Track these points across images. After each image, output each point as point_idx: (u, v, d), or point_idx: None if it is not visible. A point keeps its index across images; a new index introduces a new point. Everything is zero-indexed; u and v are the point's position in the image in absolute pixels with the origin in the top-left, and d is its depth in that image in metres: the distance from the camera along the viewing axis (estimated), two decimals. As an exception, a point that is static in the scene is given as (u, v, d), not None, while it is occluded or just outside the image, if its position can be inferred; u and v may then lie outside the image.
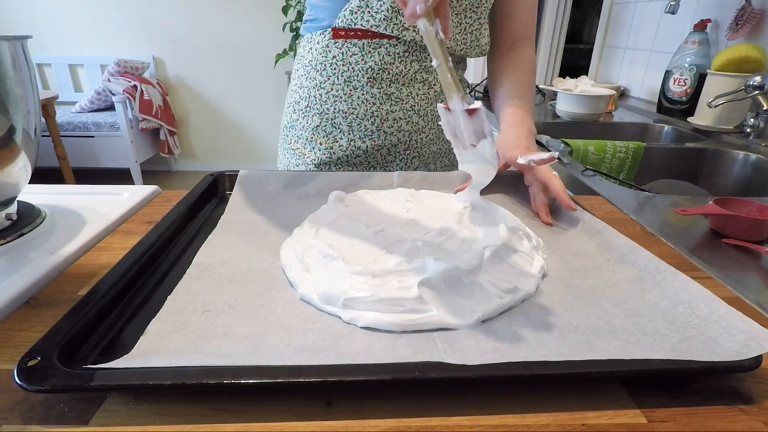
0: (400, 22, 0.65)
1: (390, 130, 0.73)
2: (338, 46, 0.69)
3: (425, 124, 0.75)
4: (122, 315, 0.36)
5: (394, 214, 0.49)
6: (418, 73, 0.71)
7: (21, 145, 0.47)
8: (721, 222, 0.57)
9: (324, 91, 0.72)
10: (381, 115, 0.72)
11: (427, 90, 0.73)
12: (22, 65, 0.46)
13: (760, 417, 0.28)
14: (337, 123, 0.73)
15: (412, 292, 0.35)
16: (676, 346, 0.32)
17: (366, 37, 0.68)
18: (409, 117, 0.73)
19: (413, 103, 0.72)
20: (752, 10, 1.16)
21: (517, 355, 0.31)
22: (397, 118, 0.72)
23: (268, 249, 0.46)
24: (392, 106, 0.71)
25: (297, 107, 0.76)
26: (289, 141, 0.79)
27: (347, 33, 0.68)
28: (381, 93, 0.70)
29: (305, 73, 0.74)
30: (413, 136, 0.75)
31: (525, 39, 0.75)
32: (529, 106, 0.70)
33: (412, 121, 0.73)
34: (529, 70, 0.74)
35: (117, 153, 2.86)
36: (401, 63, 0.69)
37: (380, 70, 0.69)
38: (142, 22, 3.06)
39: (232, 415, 0.28)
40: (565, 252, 0.47)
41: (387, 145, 0.74)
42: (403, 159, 0.76)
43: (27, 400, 0.28)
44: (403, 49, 0.68)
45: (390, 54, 0.68)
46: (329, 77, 0.71)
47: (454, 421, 0.28)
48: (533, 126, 0.66)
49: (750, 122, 1.09)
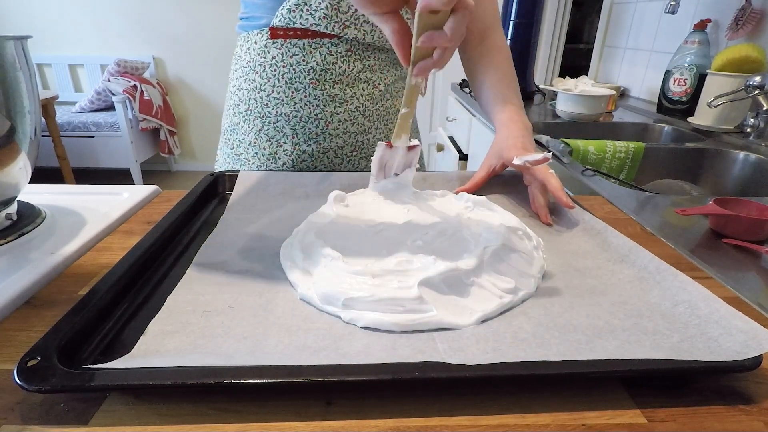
0: (340, 20, 0.63)
1: (335, 133, 0.71)
2: (277, 46, 0.66)
3: (371, 125, 0.73)
4: (122, 315, 0.36)
5: (394, 214, 0.49)
6: (362, 73, 0.69)
7: (21, 145, 0.47)
8: (721, 222, 0.57)
9: (264, 94, 0.69)
10: (325, 117, 0.69)
11: (371, 90, 0.71)
12: (22, 65, 0.46)
13: (760, 417, 0.28)
14: (280, 127, 0.70)
15: (412, 292, 0.35)
16: (676, 346, 0.32)
17: (306, 36, 0.65)
18: (354, 118, 0.71)
19: (358, 104, 0.70)
20: (752, 10, 1.16)
21: (517, 355, 0.31)
22: (342, 120, 0.70)
23: (268, 249, 0.46)
24: (336, 108, 0.69)
25: (237, 110, 0.73)
26: (231, 146, 0.75)
27: (286, 32, 0.65)
28: (324, 94, 0.68)
29: (243, 75, 0.70)
30: (359, 138, 0.73)
31: (493, 27, 0.73)
32: (517, 97, 0.69)
33: (357, 123, 0.71)
34: (505, 59, 0.72)
35: (117, 153, 2.86)
36: (344, 63, 0.67)
37: (323, 71, 0.67)
38: (142, 22, 3.06)
39: (232, 415, 0.28)
40: (565, 252, 0.47)
41: (333, 147, 0.72)
42: (350, 161, 0.74)
43: (27, 400, 0.28)
44: (345, 49, 0.66)
45: (332, 54, 0.66)
46: (269, 79, 0.68)
47: (454, 421, 0.28)
48: (527, 120, 0.65)
49: (750, 122, 1.09)
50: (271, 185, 0.61)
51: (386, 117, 0.75)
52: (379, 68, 0.71)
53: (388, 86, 0.73)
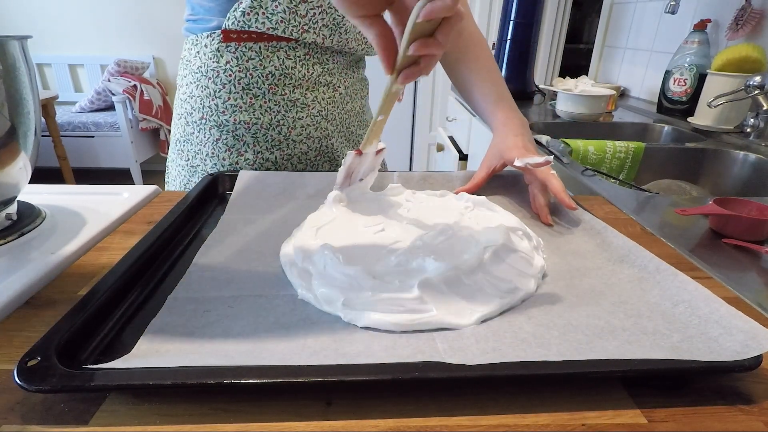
0: (298, 24, 0.62)
1: (299, 138, 0.69)
2: (231, 50, 0.63)
3: (334, 129, 0.72)
4: (122, 315, 0.36)
5: (394, 214, 0.49)
6: (321, 77, 0.68)
7: (21, 145, 0.47)
8: (721, 222, 0.57)
9: (220, 101, 0.65)
10: (287, 123, 0.67)
11: (332, 93, 0.70)
12: (22, 65, 0.46)
13: (760, 417, 0.28)
14: (239, 135, 0.67)
15: (412, 292, 0.35)
16: (676, 346, 0.32)
17: (262, 40, 0.63)
18: (317, 123, 0.69)
19: (320, 108, 0.69)
20: (752, 10, 1.16)
21: (517, 355, 0.31)
22: (305, 125, 0.68)
23: (268, 249, 0.46)
24: (298, 113, 0.67)
25: (190, 119, 0.68)
26: (185, 157, 0.71)
27: (240, 36, 0.62)
28: (285, 100, 0.66)
29: (194, 81, 0.67)
30: (323, 142, 0.71)
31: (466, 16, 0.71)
32: (507, 92, 0.68)
33: (321, 127, 0.70)
34: (484, 50, 0.70)
35: (117, 153, 2.86)
36: (303, 67, 0.65)
37: (281, 76, 0.65)
38: (142, 22, 3.06)
39: (232, 415, 0.28)
40: (565, 252, 0.47)
41: (297, 153, 0.70)
42: (314, 166, 0.73)
43: (27, 400, 0.28)
44: (303, 52, 0.65)
45: (290, 57, 0.64)
46: (224, 85, 0.65)
47: (454, 421, 0.28)
48: (522, 116, 0.65)
49: (750, 122, 1.09)
50: (271, 185, 0.61)
51: (348, 120, 0.75)
52: (338, 71, 0.70)
53: (348, 89, 0.73)
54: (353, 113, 0.76)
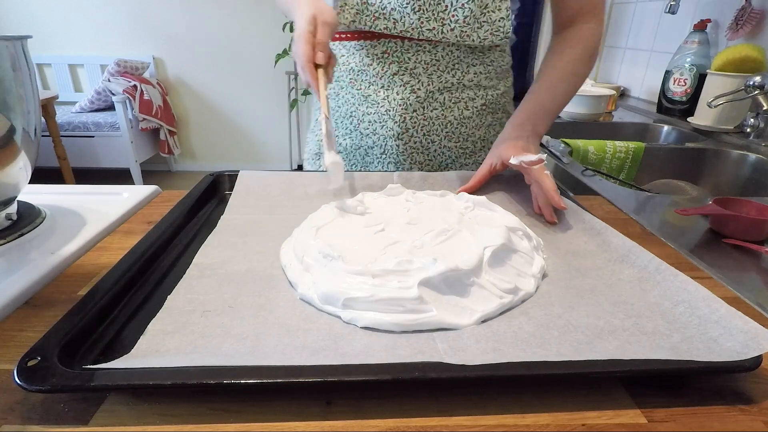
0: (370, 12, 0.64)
1: (365, 132, 0.72)
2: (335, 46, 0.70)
3: (402, 132, 0.70)
4: (122, 315, 0.36)
5: (394, 214, 0.49)
6: (398, 75, 0.67)
7: (21, 145, 0.47)
8: (721, 222, 0.57)
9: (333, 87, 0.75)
10: (358, 116, 0.72)
11: (407, 95, 0.68)
12: (22, 65, 0.46)
13: (760, 417, 0.28)
14: (334, 117, 0.75)
15: (412, 292, 0.35)
16: (676, 346, 0.32)
17: (346, 39, 0.68)
18: (383, 121, 0.70)
19: (388, 108, 0.69)
20: (752, 10, 1.16)
21: (517, 355, 0.31)
22: (372, 120, 0.71)
23: (268, 249, 0.46)
24: (368, 108, 0.70)
25: None
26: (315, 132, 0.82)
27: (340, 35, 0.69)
28: (360, 94, 0.70)
29: None
30: (388, 142, 0.71)
31: (584, 15, 0.65)
32: (551, 96, 0.64)
33: (386, 126, 0.70)
34: (573, 56, 0.65)
35: (117, 153, 2.85)
36: (379, 64, 0.68)
37: (359, 72, 0.69)
38: (142, 22, 3.05)
39: (232, 415, 0.28)
40: (565, 252, 0.47)
41: (364, 146, 0.74)
42: (380, 163, 0.73)
43: (27, 400, 0.28)
44: (382, 50, 0.67)
45: (369, 56, 0.68)
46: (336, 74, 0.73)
47: (454, 421, 0.28)
48: (541, 125, 0.63)
49: (750, 122, 1.09)
50: (271, 185, 0.61)
51: (426, 126, 0.70)
52: (423, 72, 0.67)
53: (434, 93, 0.69)
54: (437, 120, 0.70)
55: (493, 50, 0.70)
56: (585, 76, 0.68)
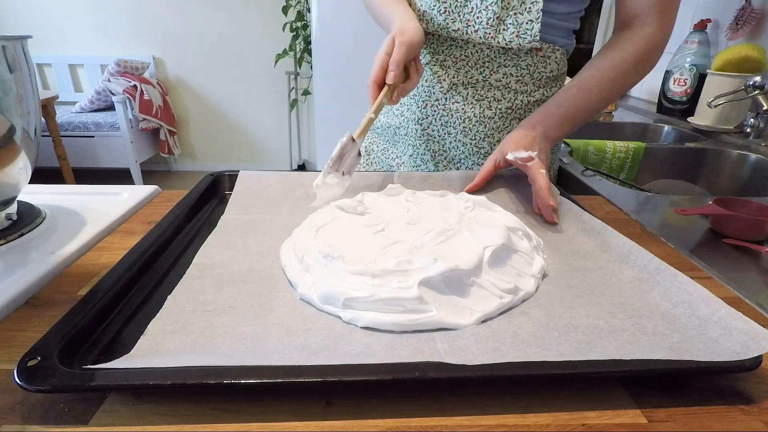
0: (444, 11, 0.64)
1: (396, 113, 0.76)
2: None
3: (422, 117, 0.72)
4: (122, 315, 0.36)
5: (394, 214, 0.49)
6: (428, 65, 0.70)
7: (21, 145, 0.47)
8: (721, 222, 0.57)
9: None
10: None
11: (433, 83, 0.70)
12: (22, 65, 0.46)
13: (760, 417, 0.28)
14: None
15: (412, 292, 0.35)
16: (676, 347, 0.32)
17: None
18: (409, 104, 0.74)
19: (414, 93, 0.72)
20: (752, 10, 1.16)
21: (517, 355, 0.31)
22: (402, 102, 0.74)
23: (268, 249, 0.46)
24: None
25: None
26: None
27: None
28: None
29: None
30: (410, 125, 0.75)
31: (645, 16, 0.61)
32: (579, 100, 0.61)
33: (411, 110, 0.74)
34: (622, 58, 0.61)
35: (117, 153, 2.85)
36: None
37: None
38: (142, 22, 3.05)
39: (232, 415, 0.28)
40: (565, 252, 0.47)
41: (393, 125, 0.77)
42: (403, 144, 0.77)
43: (27, 400, 0.28)
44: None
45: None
46: None
47: (454, 421, 0.28)
48: (554, 130, 0.60)
49: (750, 122, 1.09)
50: (271, 185, 0.61)
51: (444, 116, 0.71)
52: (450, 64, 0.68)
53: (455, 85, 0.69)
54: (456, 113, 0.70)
55: (533, 54, 0.66)
56: (628, 85, 0.64)
